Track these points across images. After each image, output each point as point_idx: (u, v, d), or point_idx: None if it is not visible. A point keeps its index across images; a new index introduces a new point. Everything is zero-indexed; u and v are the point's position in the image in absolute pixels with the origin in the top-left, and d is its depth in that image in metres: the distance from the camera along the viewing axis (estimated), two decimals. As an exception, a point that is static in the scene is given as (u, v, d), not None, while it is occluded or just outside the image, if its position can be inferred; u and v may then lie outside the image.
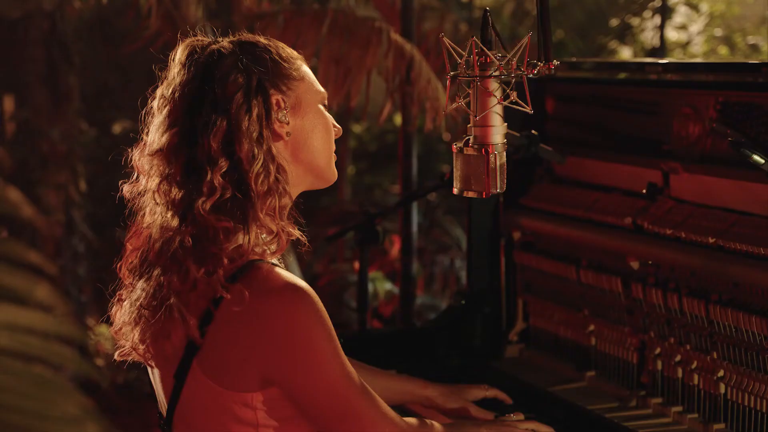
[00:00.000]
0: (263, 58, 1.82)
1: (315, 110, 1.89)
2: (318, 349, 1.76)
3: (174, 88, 1.82)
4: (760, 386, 2.10)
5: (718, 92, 2.28)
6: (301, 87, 1.87)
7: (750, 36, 8.35)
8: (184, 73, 1.82)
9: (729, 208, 2.23)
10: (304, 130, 1.87)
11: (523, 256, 2.74)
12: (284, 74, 1.84)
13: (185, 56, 1.83)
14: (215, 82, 1.79)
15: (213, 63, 1.81)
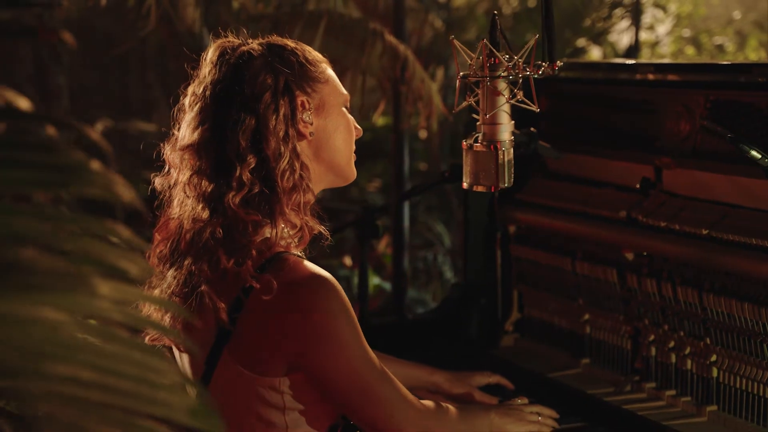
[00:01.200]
0: (290, 61, 1.92)
1: (338, 112, 1.99)
2: (342, 335, 1.85)
3: (205, 86, 1.91)
4: (751, 369, 2.22)
5: (709, 91, 2.40)
6: (326, 89, 1.96)
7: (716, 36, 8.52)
8: (215, 72, 1.91)
9: (720, 201, 2.35)
10: (327, 131, 1.97)
11: (519, 248, 2.85)
12: (310, 77, 1.94)
13: (216, 56, 1.92)
14: (245, 83, 1.88)
15: (243, 64, 1.90)
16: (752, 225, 2.23)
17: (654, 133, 2.52)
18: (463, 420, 2.08)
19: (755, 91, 2.31)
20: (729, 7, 9.02)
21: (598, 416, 2.38)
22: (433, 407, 2.02)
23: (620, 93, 2.63)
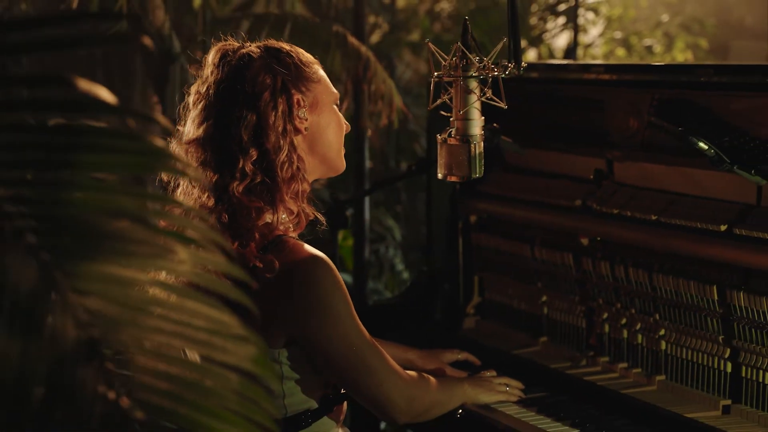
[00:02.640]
0: (287, 62, 2.10)
1: (329, 109, 2.17)
2: (337, 310, 2.05)
3: (209, 85, 2.08)
4: (696, 341, 2.45)
5: (655, 90, 2.63)
6: (318, 88, 2.15)
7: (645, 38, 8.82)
8: (218, 72, 2.08)
9: (666, 189, 2.59)
10: (320, 126, 2.15)
11: (480, 237, 3.07)
12: (304, 77, 2.12)
13: (218, 58, 2.10)
14: (246, 82, 2.06)
15: (244, 65, 2.07)
16: (696, 211, 2.47)
17: (605, 129, 2.74)
18: (442, 390, 2.29)
19: (697, 90, 2.55)
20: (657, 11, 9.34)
21: (559, 387, 2.59)
22: (417, 378, 2.22)
23: (574, 92, 2.86)
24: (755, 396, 2.32)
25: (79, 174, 1.10)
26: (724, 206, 2.42)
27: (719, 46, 9.05)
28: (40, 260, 1.06)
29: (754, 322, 2.30)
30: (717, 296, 2.38)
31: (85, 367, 1.09)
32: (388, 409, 2.14)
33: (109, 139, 1.13)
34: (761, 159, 2.32)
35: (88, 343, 1.09)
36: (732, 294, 2.34)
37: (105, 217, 1.12)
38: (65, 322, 1.07)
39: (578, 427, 2.31)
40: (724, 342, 2.38)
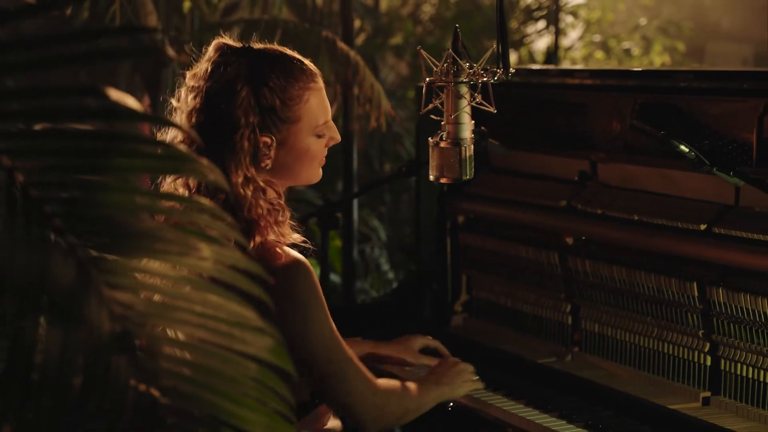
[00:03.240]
0: (267, 102, 2.11)
1: (302, 145, 2.18)
2: (312, 313, 2.11)
3: (199, 87, 2.12)
4: (676, 336, 2.55)
5: (637, 95, 2.73)
6: (293, 128, 2.16)
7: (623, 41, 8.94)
8: (208, 80, 2.11)
9: (648, 190, 2.69)
10: (287, 164, 2.17)
11: (467, 237, 3.16)
12: (281, 118, 2.14)
13: (216, 57, 2.13)
14: (226, 113, 2.09)
15: (229, 92, 2.09)
16: (677, 211, 2.57)
17: (589, 132, 2.84)
18: (417, 394, 2.35)
19: (678, 94, 2.66)
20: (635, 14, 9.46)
21: (546, 381, 2.68)
22: (390, 386, 2.28)
23: (559, 96, 2.96)
24: (734, 388, 2.42)
25: (113, 177, 1.18)
26: (704, 206, 2.52)
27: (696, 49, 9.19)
28: (78, 258, 1.14)
29: (732, 317, 2.41)
30: (697, 292, 2.48)
31: (119, 357, 1.17)
32: (356, 417, 2.21)
33: (138, 144, 1.21)
34: (739, 161, 2.43)
35: (121, 335, 1.17)
36: (711, 290, 2.45)
37: (136, 218, 1.21)
38: (101, 314, 1.15)
39: (565, 418, 2.41)
40: (703, 336, 2.49)
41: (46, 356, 1.12)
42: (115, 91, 1.19)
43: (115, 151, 1.19)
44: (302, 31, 3.57)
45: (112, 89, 1.19)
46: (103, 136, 1.17)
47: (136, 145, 1.21)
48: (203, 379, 1.23)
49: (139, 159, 1.21)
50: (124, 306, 1.17)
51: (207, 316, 1.24)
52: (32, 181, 1.12)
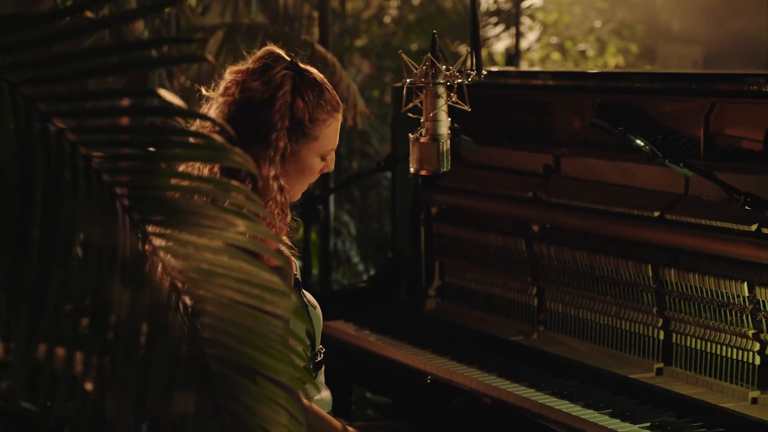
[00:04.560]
0: (299, 112, 2.34)
1: (308, 162, 2.39)
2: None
3: (242, 85, 2.34)
4: (633, 313, 2.81)
5: (595, 95, 3.00)
6: (309, 145, 2.38)
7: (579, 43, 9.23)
8: (253, 83, 2.35)
9: (607, 182, 2.95)
10: (288, 173, 2.36)
11: (440, 226, 3.41)
12: (304, 131, 2.36)
13: (257, 76, 2.36)
14: (269, 108, 2.33)
15: (270, 95, 2.34)
16: (633, 200, 2.84)
17: (553, 129, 3.11)
18: None
19: (632, 94, 2.92)
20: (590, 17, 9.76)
21: (514, 356, 2.93)
22: (318, 412, 2.39)
23: (525, 96, 3.22)
24: (684, 359, 2.69)
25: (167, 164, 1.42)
26: (657, 195, 2.79)
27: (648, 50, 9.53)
28: (142, 231, 1.37)
29: (683, 295, 2.67)
30: (651, 273, 2.75)
31: (175, 315, 1.40)
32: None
33: (186, 137, 1.44)
34: (688, 154, 2.70)
35: (177, 296, 1.40)
36: (664, 271, 2.71)
37: (185, 198, 1.44)
38: (161, 277, 1.38)
39: (533, 387, 2.66)
40: (657, 313, 2.75)
41: (117, 315, 1.35)
42: (166, 92, 1.42)
43: (169, 143, 1.42)
44: (282, 34, 3.79)
45: (164, 91, 1.42)
46: (159, 130, 1.40)
47: (185, 138, 1.44)
48: (240, 335, 1.46)
49: (187, 149, 1.45)
50: (178, 271, 1.40)
51: (242, 281, 1.47)
52: (105, 167, 1.34)
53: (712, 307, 2.61)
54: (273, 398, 1.47)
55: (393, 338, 3.08)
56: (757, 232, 2.50)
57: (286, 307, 1.51)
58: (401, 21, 7.38)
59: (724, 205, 2.59)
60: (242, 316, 1.47)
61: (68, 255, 1.32)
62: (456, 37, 6.49)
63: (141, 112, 1.37)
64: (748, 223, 2.51)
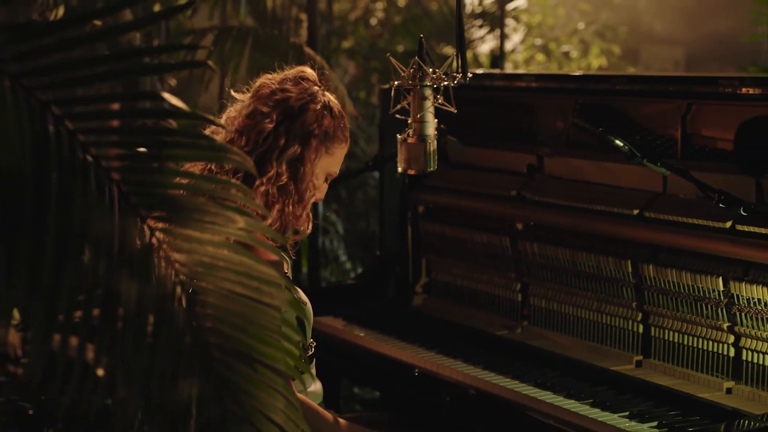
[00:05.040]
0: (324, 126, 2.50)
1: (315, 176, 2.52)
2: None
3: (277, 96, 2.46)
4: (613, 308, 2.91)
5: (577, 96, 3.09)
6: (322, 160, 2.51)
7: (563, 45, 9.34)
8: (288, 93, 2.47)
9: (589, 180, 3.05)
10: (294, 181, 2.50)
11: (427, 224, 3.50)
12: (325, 144, 2.51)
13: (297, 80, 2.49)
14: (304, 114, 2.48)
15: (305, 103, 2.47)
16: (613, 198, 2.93)
17: (536, 129, 3.20)
18: (332, 427, 2.54)
19: (613, 96, 3.02)
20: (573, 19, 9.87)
21: (500, 350, 3.03)
22: (308, 403, 2.48)
23: (509, 98, 3.32)
24: (662, 351, 2.79)
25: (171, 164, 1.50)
26: (636, 194, 2.89)
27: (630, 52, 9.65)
28: (148, 227, 1.46)
29: (661, 290, 2.78)
30: (631, 269, 2.84)
31: (179, 305, 1.49)
32: None
33: (189, 138, 1.53)
34: (666, 154, 2.80)
35: (180, 287, 1.49)
36: (643, 267, 2.81)
37: (188, 196, 1.53)
38: (165, 271, 1.47)
39: (517, 378, 2.75)
40: (636, 307, 2.85)
41: (125, 306, 1.43)
42: (171, 96, 1.51)
43: (173, 144, 1.51)
44: (271, 37, 3.88)
45: (168, 95, 1.51)
46: (164, 131, 1.49)
47: (188, 139, 1.53)
48: (240, 324, 1.54)
49: (191, 150, 1.54)
50: (182, 265, 1.49)
51: (242, 274, 1.56)
52: (113, 166, 1.43)
53: (688, 302, 2.71)
54: (271, 385, 1.56)
55: (381, 333, 3.17)
56: (732, 229, 2.60)
57: (283, 299, 1.60)
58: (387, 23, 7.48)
59: (700, 203, 2.69)
60: (241, 306, 1.56)
61: (80, 250, 1.40)
62: (441, 39, 6.60)
63: (148, 114, 1.46)
64: (723, 221, 2.61)
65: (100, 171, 1.43)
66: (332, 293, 3.49)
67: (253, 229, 1.58)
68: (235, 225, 1.55)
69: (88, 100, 1.44)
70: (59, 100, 1.40)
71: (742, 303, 2.57)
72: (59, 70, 1.42)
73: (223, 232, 1.55)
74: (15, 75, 1.39)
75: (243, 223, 1.57)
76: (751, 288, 2.55)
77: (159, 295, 1.47)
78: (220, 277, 1.54)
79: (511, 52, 8.78)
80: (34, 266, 1.36)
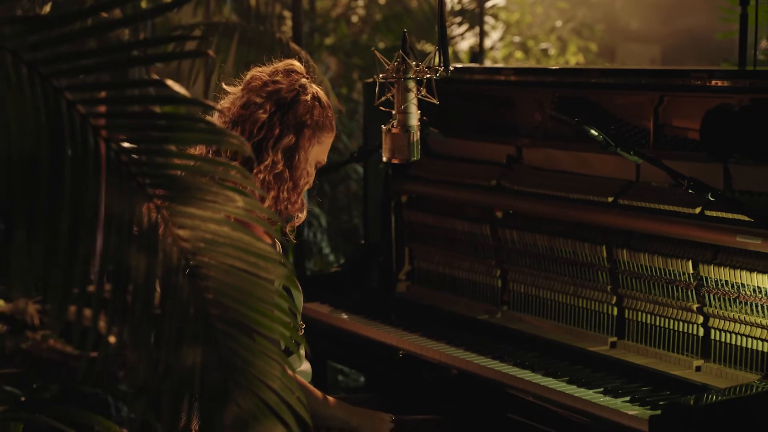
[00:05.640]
0: (315, 116, 2.61)
1: (308, 164, 2.63)
2: None
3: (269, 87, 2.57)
4: (589, 291, 3.04)
5: (554, 90, 3.22)
6: (313, 148, 2.63)
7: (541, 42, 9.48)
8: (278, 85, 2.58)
9: (565, 170, 3.18)
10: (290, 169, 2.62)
11: (410, 214, 3.62)
12: (315, 132, 2.62)
13: (285, 71, 2.60)
14: (295, 105, 2.58)
15: (296, 94, 2.59)
16: (589, 186, 3.06)
17: (515, 121, 3.33)
18: (322, 403, 2.69)
19: (588, 89, 3.15)
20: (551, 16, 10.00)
21: (481, 332, 3.15)
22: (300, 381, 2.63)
23: (489, 91, 3.44)
24: (636, 333, 2.91)
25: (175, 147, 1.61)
26: (611, 182, 3.01)
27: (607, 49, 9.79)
28: (155, 205, 1.57)
29: (634, 274, 2.90)
30: (605, 254, 2.97)
31: (183, 278, 1.60)
32: None
33: (191, 123, 1.64)
34: (639, 143, 2.93)
35: (185, 261, 1.60)
36: (617, 252, 2.94)
37: (191, 176, 1.64)
38: (172, 245, 1.58)
39: (497, 359, 2.87)
40: (611, 291, 2.98)
41: (135, 279, 1.54)
42: (174, 84, 1.62)
43: (177, 128, 1.62)
44: (257, 33, 3.99)
45: (172, 82, 1.62)
46: (169, 116, 1.60)
47: (190, 123, 1.64)
48: (239, 297, 1.65)
49: (192, 133, 1.65)
50: (185, 240, 1.60)
51: (241, 249, 1.67)
52: (123, 149, 1.54)
53: (660, 284, 2.84)
54: (268, 354, 1.67)
55: (366, 318, 3.29)
56: (701, 215, 2.73)
57: (279, 274, 1.71)
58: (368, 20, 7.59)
59: (671, 191, 2.82)
60: (241, 280, 1.67)
61: (93, 227, 1.51)
62: (422, 36, 6.71)
63: (154, 101, 1.57)
64: (692, 207, 2.74)
65: (110, 153, 1.54)
66: (318, 281, 3.60)
67: (252, 209, 1.69)
68: (234, 204, 1.67)
69: (99, 87, 1.55)
70: (72, 86, 1.51)
71: (711, 285, 2.70)
72: (72, 58, 1.52)
73: (223, 211, 1.66)
74: (31, 63, 1.50)
75: (242, 202, 1.68)
76: (719, 270, 2.68)
77: (165, 269, 1.57)
78: (220, 252, 1.64)
79: (490, 50, 8.91)
80: (52, 242, 1.46)
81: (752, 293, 2.61)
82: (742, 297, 2.63)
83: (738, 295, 2.64)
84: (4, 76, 1.44)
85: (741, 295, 2.64)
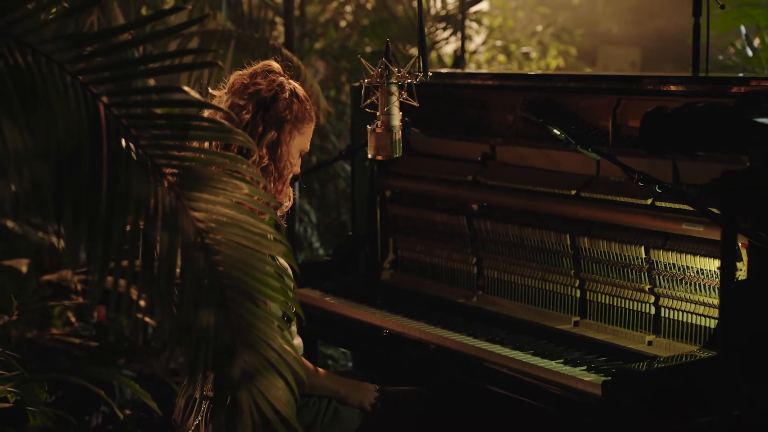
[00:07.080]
0: (293, 111, 2.91)
1: (292, 155, 2.94)
2: None
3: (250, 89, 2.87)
4: (554, 276, 3.36)
5: (525, 93, 3.53)
6: (296, 140, 2.93)
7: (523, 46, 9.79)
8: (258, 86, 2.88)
9: (534, 166, 3.50)
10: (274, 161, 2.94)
11: (394, 207, 3.94)
12: (296, 125, 2.93)
13: (264, 72, 2.90)
14: (275, 103, 2.87)
15: (275, 93, 2.88)
16: (554, 180, 3.38)
17: (489, 122, 3.64)
18: (313, 374, 2.98)
19: (555, 93, 3.47)
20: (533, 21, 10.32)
21: (457, 313, 3.46)
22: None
23: (466, 94, 3.75)
24: (596, 312, 3.23)
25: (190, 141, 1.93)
26: (574, 177, 3.33)
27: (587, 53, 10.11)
28: (175, 191, 1.88)
29: (594, 259, 3.22)
30: (569, 242, 3.29)
31: (199, 252, 1.91)
32: None
33: (204, 122, 1.95)
34: (599, 142, 3.25)
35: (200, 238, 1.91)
36: (580, 240, 3.26)
37: (205, 168, 1.95)
38: (189, 225, 1.89)
39: (472, 335, 3.19)
40: (574, 275, 3.30)
41: (159, 253, 1.85)
42: (188, 88, 1.93)
43: (191, 127, 1.93)
44: (251, 40, 4.29)
45: (186, 87, 1.93)
46: (186, 117, 1.91)
47: (202, 123, 1.95)
48: (245, 270, 1.96)
49: (206, 131, 1.96)
50: (200, 222, 1.91)
51: (246, 230, 1.98)
52: (148, 144, 1.85)
53: (617, 268, 3.16)
54: (269, 319, 1.99)
55: (353, 301, 3.60)
56: (652, 205, 3.05)
57: (280, 251, 2.02)
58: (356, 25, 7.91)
59: (627, 184, 3.14)
60: (246, 255, 1.98)
61: (125, 209, 1.82)
62: (407, 40, 7.04)
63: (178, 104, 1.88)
64: (645, 198, 3.06)
65: (139, 147, 1.85)
66: (308, 268, 3.91)
67: (254, 195, 2.01)
68: (240, 191, 1.98)
69: (129, 92, 1.86)
70: (108, 92, 1.82)
71: (661, 268, 3.02)
72: (107, 69, 1.83)
73: (232, 196, 1.97)
74: (74, 73, 1.81)
75: (247, 189, 1.99)
76: (668, 255, 3.00)
77: (184, 245, 1.89)
78: (229, 231, 1.96)
79: (473, 53, 9.23)
80: (93, 221, 1.77)
81: (696, 275, 2.93)
82: (687, 278, 2.96)
83: (684, 276, 2.97)
84: (53, 84, 1.75)
85: (686, 277, 2.96)
